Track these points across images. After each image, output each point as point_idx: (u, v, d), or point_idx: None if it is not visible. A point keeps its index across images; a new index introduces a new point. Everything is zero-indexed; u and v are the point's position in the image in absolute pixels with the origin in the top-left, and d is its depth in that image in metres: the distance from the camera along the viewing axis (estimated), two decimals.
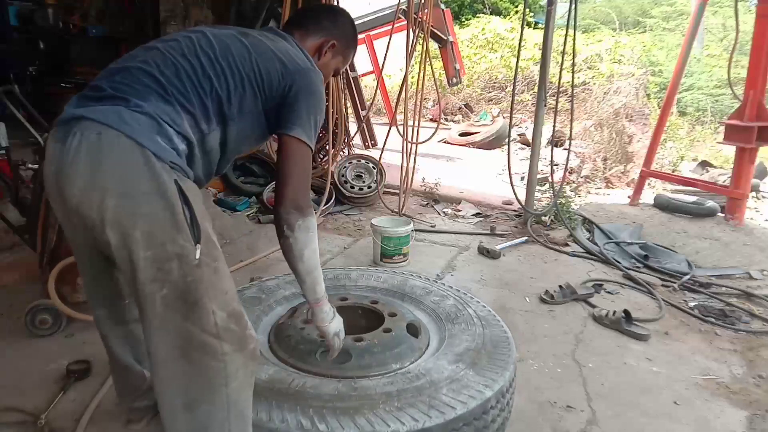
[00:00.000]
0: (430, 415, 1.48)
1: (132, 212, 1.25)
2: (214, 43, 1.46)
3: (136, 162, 1.25)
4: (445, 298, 2.19)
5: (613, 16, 12.32)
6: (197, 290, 1.29)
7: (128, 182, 1.25)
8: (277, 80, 1.48)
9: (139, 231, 1.24)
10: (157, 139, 1.28)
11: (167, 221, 1.26)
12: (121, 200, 1.24)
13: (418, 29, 4.56)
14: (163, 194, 1.25)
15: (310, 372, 1.72)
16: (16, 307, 2.64)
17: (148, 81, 1.35)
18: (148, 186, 1.25)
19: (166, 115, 1.32)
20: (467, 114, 10.17)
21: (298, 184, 1.49)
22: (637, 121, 7.15)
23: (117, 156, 1.25)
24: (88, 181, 1.25)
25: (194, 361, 1.31)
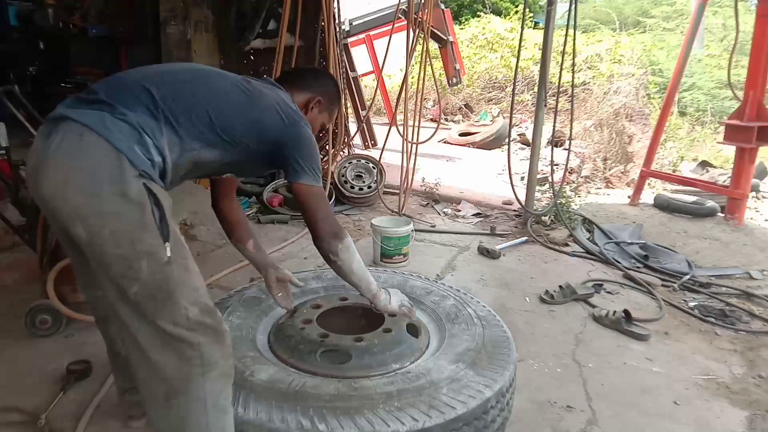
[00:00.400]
0: (430, 415, 1.48)
1: (101, 211, 1.32)
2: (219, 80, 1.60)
3: (111, 165, 1.32)
4: (445, 298, 2.19)
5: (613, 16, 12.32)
6: (168, 286, 1.35)
7: (100, 183, 1.32)
8: (275, 130, 1.61)
9: (107, 230, 1.31)
10: (134, 147, 1.35)
11: (135, 221, 1.33)
12: (91, 199, 1.32)
13: (418, 29, 4.56)
14: (132, 196, 1.32)
15: (310, 372, 1.72)
16: (16, 307, 2.64)
17: (141, 94, 1.44)
18: (118, 188, 1.31)
19: (148, 127, 1.40)
20: (467, 114, 10.16)
21: (325, 217, 1.68)
22: (637, 121, 7.15)
23: (93, 158, 1.33)
24: (63, 178, 1.32)
25: (169, 352, 1.37)
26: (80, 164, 1.33)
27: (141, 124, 1.39)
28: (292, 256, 3.67)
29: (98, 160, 1.33)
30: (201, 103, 1.50)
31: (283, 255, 3.67)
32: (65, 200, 1.32)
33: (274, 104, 1.63)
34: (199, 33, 5.41)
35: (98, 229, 1.31)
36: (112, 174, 1.32)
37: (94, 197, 1.32)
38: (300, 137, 1.64)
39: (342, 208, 4.78)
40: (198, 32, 5.40)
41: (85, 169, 1.32)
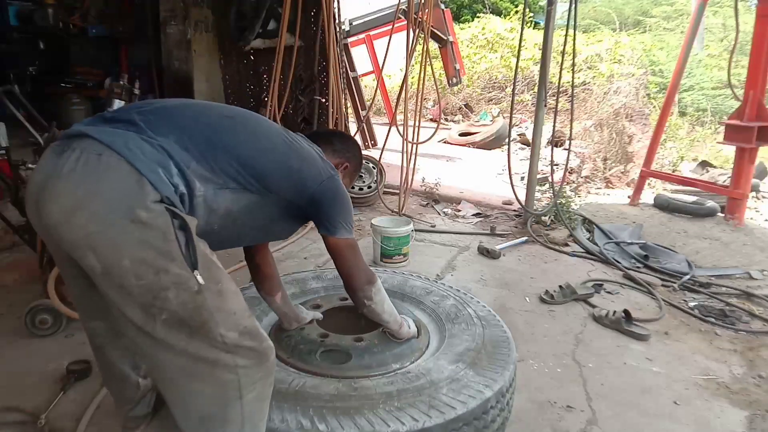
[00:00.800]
0: (430, 415, 1.48)
1: (117, 241, 1.19)
2: (261, 124, 1.55)
3: (130, 189, 1.21)
4: (445, 298, 2.20)
5: (613, 16, 12.32)
6: (201, 316, 1.25)
7: (117, 210, 1.19)
8: (313, 183, 1.56)
9: (128, 260, 1.19)
10: (158, 170, 1.24)
11: (158, 250, 1.21)
12: (107, 228, 1.19)
13: (418, 29, 4.56)
14: (152, 222, 1.20)
15: (310, 372, 1.72)
16: (16, 307, 2.64)
17: (175, 122, 1.37)
18: (136, 215, 1.19)
19: (176, 154, 1.30)
20: (467, 114, 10.17)
21: (360, 267, 1.67)
22: (637, 121, 7.15)
23: (111, 181, 1.21)
24: (76, 202, 1.20)
25: (205, 377, 1.28)
26: (95, 188, 1.20)
27: (168, 149, 1.29)
28: (292, 256, 3.67)
29: (116, 184, 1.21)
30: (241, 143, 1.43)
31: (282, 255, 3.67)
32: (75, 228, 1.19)
33: (314, 156, 1.60)
34: (199, 33, 5.42)
35: (116, 261, 1.19)
36: (131, 199, 1.20)
37: (109, 225, 1.19)
38: (337, 192, 1.62)
39: None
40: (198, 32, 5.41)
41: (100, 193, 1.20)
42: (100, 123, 1.32)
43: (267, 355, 1.36)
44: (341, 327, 2.00)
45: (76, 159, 1.22)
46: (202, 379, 1.28)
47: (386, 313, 1.75)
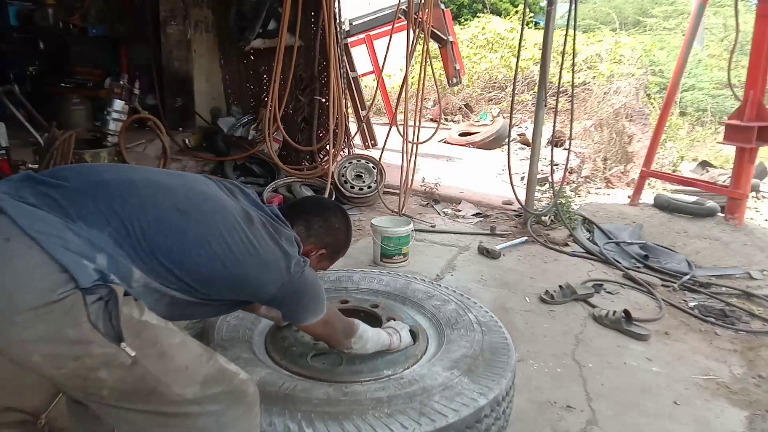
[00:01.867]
0: (420, 422, 1.46)
1: (24, 338, 1.05)
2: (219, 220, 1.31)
3: (39, 280, 1.05)
4: (446, 303, 2.17)
5: (613, 16, 12.31)
6: (146, 385, 1.13)
7: (21, 304, 1.04)
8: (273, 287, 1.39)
9: (37, 356, 1.07)
10: (79, 260, 1.09)
11: (69, 340, 1.06)
12: (10, 328, 1.05)
13: (418, 29, 4.56)
14: (60, 309, 1.05)
15: (302, 375, 1.70)
16: None
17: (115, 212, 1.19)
18: (43, 303, 1.04)
19: (110, 249, 1.14)
20: (467, 114, 10.16)
21: (335, 333, 1.64)
22: (637, 121, 7.15)
23: (17, 273, 1.05)
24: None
25: (178, 426, 1.19)
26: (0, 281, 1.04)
27: (100, 244, 1.13)
28: None
29: (23, 274, 1.05)
30: (190, 249, 1.25)
31: None
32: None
33: (277, 256, 1.38)
34: (199, 33, 5.42)
35: (26, 358, 1.07)
36: (41, 290, 1.04)
37: (10, 325, 1.04)
38: (301, 290, 1.45)
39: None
40: (198, 32, 5.41)
41: (2, 285, 1.04)
42: (24, 192, 1.15)
43: (243, 392, 1.26)
44: None
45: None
46: (176, 426, 1.19)
47: (370, 350, 1.73)
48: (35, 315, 1.04)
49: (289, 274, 1.40)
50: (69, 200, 1.16)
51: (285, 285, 1.40)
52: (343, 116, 4.87)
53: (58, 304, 1.05)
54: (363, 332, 1.69)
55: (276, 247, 1.39)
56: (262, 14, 4.95)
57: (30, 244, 1.06)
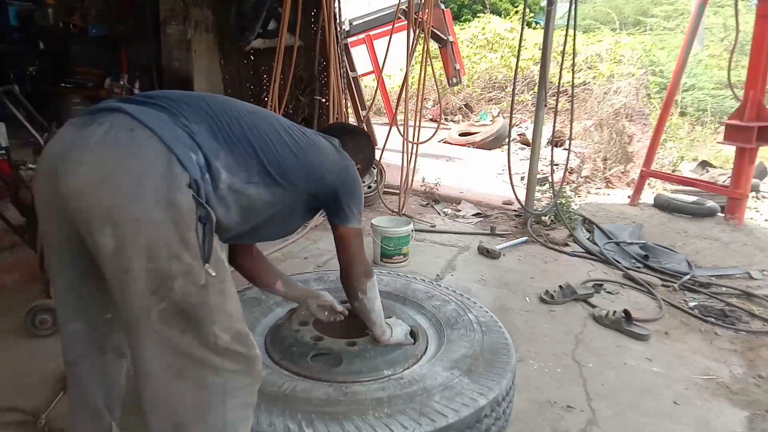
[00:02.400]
0: (420, 422, 1.46)
1: (140, 218, 1.14)
2: (280, 120, 1.55)
3: (161, 168, 1.17)
4: (446, 303, 2.18)
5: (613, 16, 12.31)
6: (200, 312, 1.21)
7: (145, 187, 1.15)
8: (332, 174, 1.61)
9: (143, 238, 1.14)
10: (188, 153, 1.22)
11: (177, 236, 1.17)
12: (132, 203, 1.14)
13: (418, 29, 4.56)
14: (177, 207, 1.16)
15: (302, 375, 1.71)
16: (16, 307, 2.64)
17: (203, 111, 1.35)
18: (165, 195, 1.16)
19: (205, 142, 1.28)
20: (467, 114, 10.17)
21: (361, 258, 1.71)
22: (637, 121, 7.15)
23: (142, 156, 1.17)
24: (102, 174, 1.15)
25: (190, 377, 1.23)
26: (125, 162, 1.16)
27: (198, 138, 1.27)
28: (292, 256, 3.67)
29: (147, 161, 1.17)
30: (265, 138, 1.43)
31: (282, 255, 3.67)
32: (98, 200, 1.14)
33: (330, 148, 1.65)
34: (199, 33, 5.41)
35: (132, 237, 1.14)
36: (161, 178, 1.16)
37: (134, 201, 1.14)
38: (353, 182, 1.68)
39: None
40: (198, 32, 5.41)
41: (129, 168, 1.16)
42: (132, 101, 1.29)
43: (254, 363, 1.32)
44: (341, 330, 1.99)
45: (105, 132, 1.19)
46: (187, 378, 1.23)
47: (375, 313, 1.77)
48: (157, 201, 1.15)
49: (344, 162, 1.66)
50: (168, 103, 1.31)
51: (341, 172, 1.63)
52: (343, 116, 4.86)
53: (180, 201, 1.17)
54: (375, 282, 1.75)
55: (328, 143, 1.66)
56: (262, 14, 4.94)
57: (150, 135, 1.19)
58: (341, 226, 1.66)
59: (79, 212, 1.17)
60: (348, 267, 1.70)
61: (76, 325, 1.40)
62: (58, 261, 1.36)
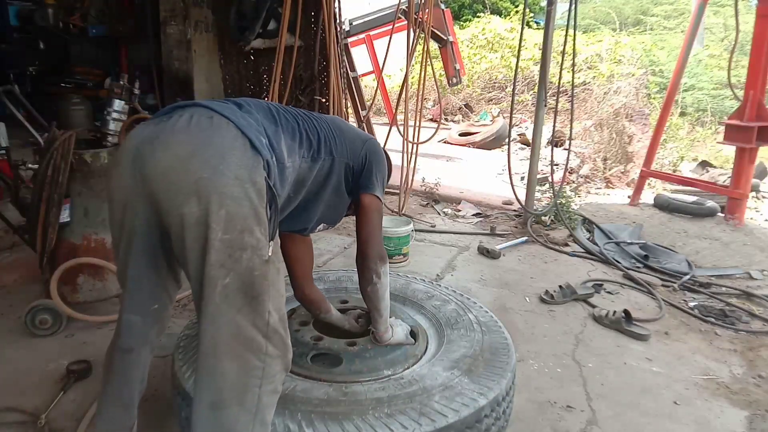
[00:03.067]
0: (420, 422, 1.46)
1: (223, 191, 1.26)
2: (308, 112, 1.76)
3: (239, 149, 1.32)
4: (446, 303, 2.17)
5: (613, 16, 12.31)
6: (261, 286, 1.32)
7: (228, 163, 1.29)
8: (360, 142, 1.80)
9: (224, 210, 1.26)
10: (260, 137, 1.39)
11: (252, 211, 1.30)
12: (217, 176, 1.27)
13: (418, 29, 4.56)
14: (254, 184, 1.31)
15: (301, 375, 1.70)
16: (16, 307, 2.64)
17: (261, 104, 1.57)
18: (244, 173, 1.30)
19: (269, 128, 1.47)
20: (467, 114, 10.16)
21: (378, 238, 1.79)
22: (637, 121, 7.15)
23: (224, 138, 1.33)
24: (192, 149, 1.30)
25: (237, 358, 1.30)
26: (209, 140, 1.31)
27: (263, 123, 1.47)
28: None
29: (227, 141, 1.32)
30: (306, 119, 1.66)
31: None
32: (186, 173, 1.27)
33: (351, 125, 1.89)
34: (199, 33, 5.41)
35: (215, 208, 1.25)
36: (242, 157, 1.31)
37: (220, 174, 1.27)
38: (380, 152, 1.85)
39: None
40: (198, 32, 5.40)
41: (214, 145, 1.30)
42: (201, 101, 1.47)
43: (288, 351, 1.40)
44: (341, 330, 1.99)
45: (188, 119, 1.36)
46: (233, 357, 1.30)
47: (384, 303, 1.80)
48: (237, 178, 1.28)
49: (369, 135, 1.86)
50: (229, 101, 1.49)
51: (369, 141, 1.82)
52: (343, 116, 4.86)
53: (258, 179, 1.32)
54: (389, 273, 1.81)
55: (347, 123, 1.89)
56: (262, 14, 4.93)
57: (228, 122, 1.36)
58: (367, 194, 1.78)
59: (167, 187, 1.29)
60: (365, 244, 1.76)
61: (135, 317, 1.50)
62: (132, 253, 1.45)
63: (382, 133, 5.06)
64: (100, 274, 2.70)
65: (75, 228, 2.64)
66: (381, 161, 1.83)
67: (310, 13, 4.83)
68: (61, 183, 2.43)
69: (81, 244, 2.66)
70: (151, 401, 2.04)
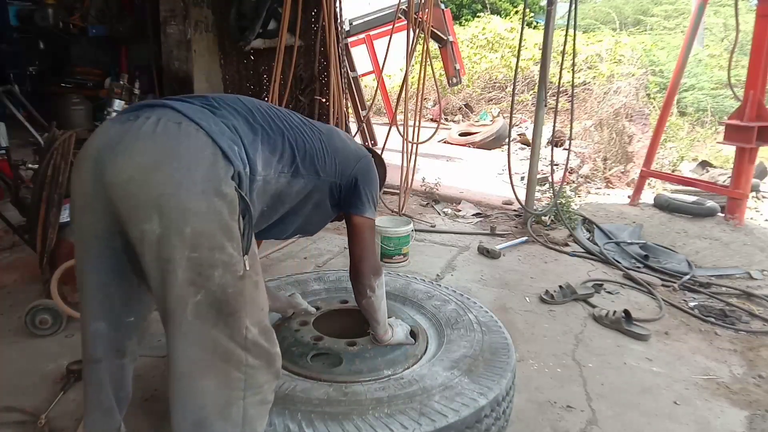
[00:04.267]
0: (420, 422, 1.46)
1: (188, 207, 1.18)
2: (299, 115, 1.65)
3: (207, 160, 1.23)
4: (446, 303, 2.17)
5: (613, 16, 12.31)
6: (236, 303, 1.25)
7: (194, 177, 1.20)
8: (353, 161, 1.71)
9: (189, 228, 1.17)
10: (233, 146, 1.29)
11: (222, 226, 1.21)
12: (181, 191, 1.18)
13: (418, 29, 4.56)
14: (224, 197, 1.22)
15: (302, 375, 1.71)
16: (16, 307, 2.64)
17: (240, 107, 1.45)
18: (211, 186, 1.21)
19: (245, 136, 1.36)
20: (467, 114, 10.16)
21: (372, 253, 1.77)
22: (637, 121, 7.15)
23: (192, 148, 1.22)
24: (154, 161, 1.19)
25: (216, 373, 1.26)
26: (175, 151, 1.20)
27: (240, 131, 1.35)
28: (292, 256, 3.67)
29: (195, 152, 1.21)
30: (295, 129, 1.54)
31: (282, 255, 3.67)
32: (148, 187, 1.17)
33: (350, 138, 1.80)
34: (199, 33, 5.41)
35: (178, 227, 1.17)
36: (210, 170, 1.21)
37: (184, 190, 1.17)
38: (371, 171, 1.77)
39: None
40: (198, 32, 5.40)
41: (179, 157, 1.20)
42: (174, 99, 1.36)
43: (275, 360, 1.36)
44: (341, 330, 1.99)
45: (154, 123, 1.24)
46: (213, 373, 1.26)
47: (380, 313, 1.79)
48: (203, 192, 1.20)
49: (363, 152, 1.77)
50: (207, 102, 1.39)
51: (362, 160, 1.73)
52: (343, 116, 4.86)
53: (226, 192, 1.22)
54: (384, 285, 1.80)
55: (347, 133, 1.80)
56: (262, 14, 4.94)
57: (197, 128, 1.25)
58: (357, 215, 1.71)
59: (127, 199, 1.20)
60: (359, 262, 1.73)
61: (100, 325, 1.41)
62: (90, 257, 1.37)
63: (382, 133, 5.07)
64: None
65: None
66: (372, 181, 1.75)
67: (310, 13, 4.84)
68: (61, 183, 2.43)
69: None
70: (151, 401, 2.04)
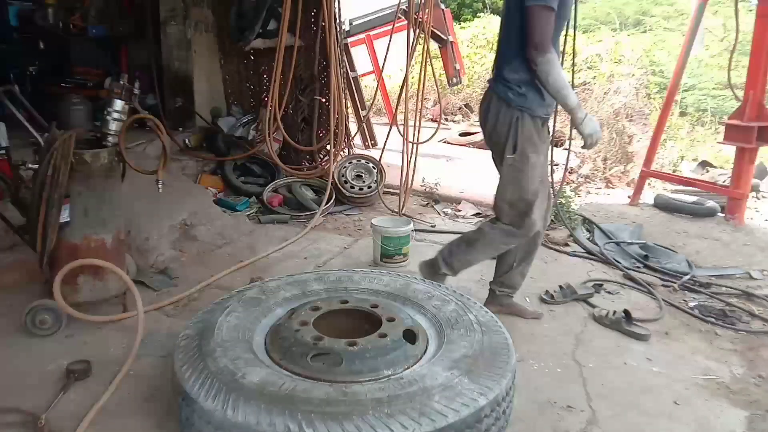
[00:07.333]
0: (420, 422, 1.46)
1: (500, 134, 2.50)
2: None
3: (501, 110, 2.47)
4: (446, 303, 2.17)
5: (613, 16, 12.30)
6: (504, 177, 2.57)
7: (497, 121, 2.49)
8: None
9: (503, 142, 2.49)
10: (509, 95, 2.42)
11: (507, 141, 2.47)
12: (497, 128, 2.51)
13: (418, 29, 4.56)
14: (510, 126, 2.44)
15: (302, 375, 1.70)
16: (16, 307, 2.64)
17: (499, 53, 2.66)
18: (502, 123, 2.47)
19: (510, 74, 2.46)
20: (467, 114, 10.16)
21: (540, 32, 2.24)
22: (637, 121, 7.15)
23: (496, 108, 2.49)
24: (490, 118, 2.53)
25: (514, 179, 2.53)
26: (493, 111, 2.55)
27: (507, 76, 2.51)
28: (292, 256, 3.67)
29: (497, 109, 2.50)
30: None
31: (283, 255, 3.67)
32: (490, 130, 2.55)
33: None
34: (199, 33, 5.41)
35: (501, 141, 2.50)
36: (501, 115, 2.47)
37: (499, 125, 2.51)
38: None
39: (342, 208, 4.77)
40: (198, 32, 5.40)
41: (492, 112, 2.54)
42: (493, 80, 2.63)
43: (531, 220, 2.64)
44: (342, 330, 1.99)
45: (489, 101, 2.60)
46: (515, 181, 2.51)
47: (550, 86, 2.32)
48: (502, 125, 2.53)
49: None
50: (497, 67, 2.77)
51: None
52: (343, 116, 4.87)
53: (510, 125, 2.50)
54: (555, 62, 2.36)
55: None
56: (262, 14, 4.94)
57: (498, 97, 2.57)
58: (532, 5, 2.21)
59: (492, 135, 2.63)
60: (527, 36, 2.27)
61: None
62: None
63: (382, 133, 5.07)
64: (100, 274, 2.70)
65: (75, 228, 2.63)
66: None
67: (310, 13, 4.84)
68: (61, 183, 2.43)
69: (81, 244, 2.66)
70: (151, 401, 2.04)
